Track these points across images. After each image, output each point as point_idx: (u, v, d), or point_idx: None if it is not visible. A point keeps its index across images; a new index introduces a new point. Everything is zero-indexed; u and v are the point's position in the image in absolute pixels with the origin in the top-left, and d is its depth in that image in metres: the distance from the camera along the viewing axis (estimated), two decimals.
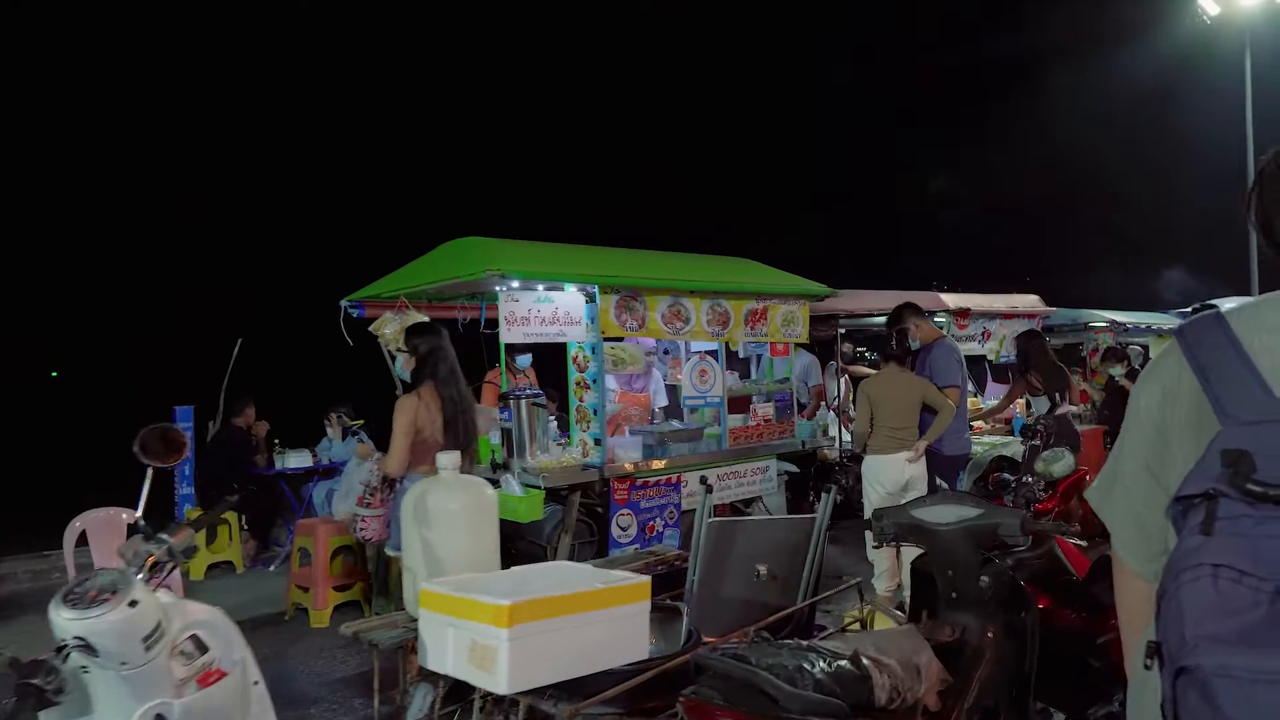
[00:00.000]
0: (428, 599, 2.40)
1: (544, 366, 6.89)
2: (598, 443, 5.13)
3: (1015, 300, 8.18)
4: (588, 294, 5.18)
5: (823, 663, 2.07)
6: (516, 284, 5.09)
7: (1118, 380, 7.85)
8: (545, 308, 5.06)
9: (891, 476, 5.22)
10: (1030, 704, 2.64)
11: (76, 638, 1.83)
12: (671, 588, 3.19)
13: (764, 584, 2.99)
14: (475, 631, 2.24)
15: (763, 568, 2.99)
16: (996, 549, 2.73)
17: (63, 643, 1.83)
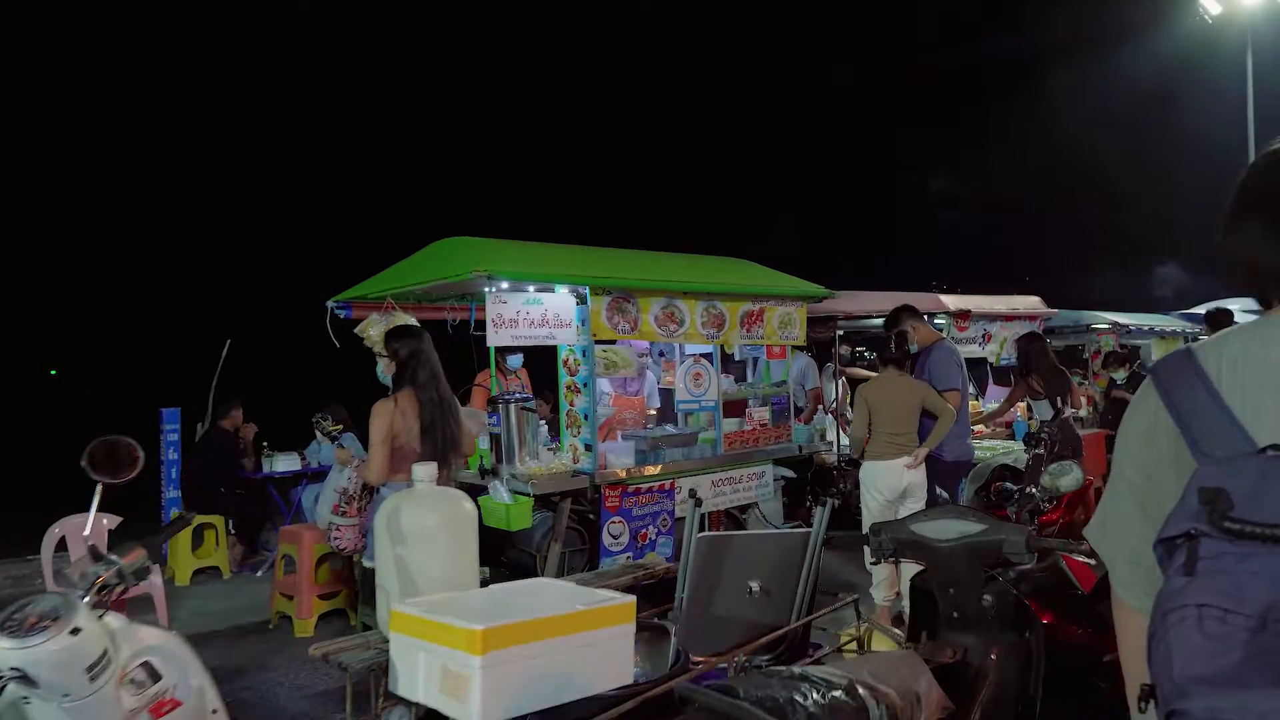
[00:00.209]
0: (398, 621, 2.27)
1: (537, 367, 6.75)
2: (588, 448, 5.00)
3: (1016, 302, 8.05)
4: (579, 295, 5.05)
5: (816, 694, 1.93)
6: (506, 285, 4.97)
7: (1119, 383, 7.75)
8: (534, 309, 4.92)
9: (890, 483, 5.10)
10: None
11: (13, 669, 1.70)
12: (662, 601, 3.06)
13: (756, 601, 2.85)
14: (447, 658, 2.11)
15: (755, 584, 2.84)
16: (1000, 566, 2.62)
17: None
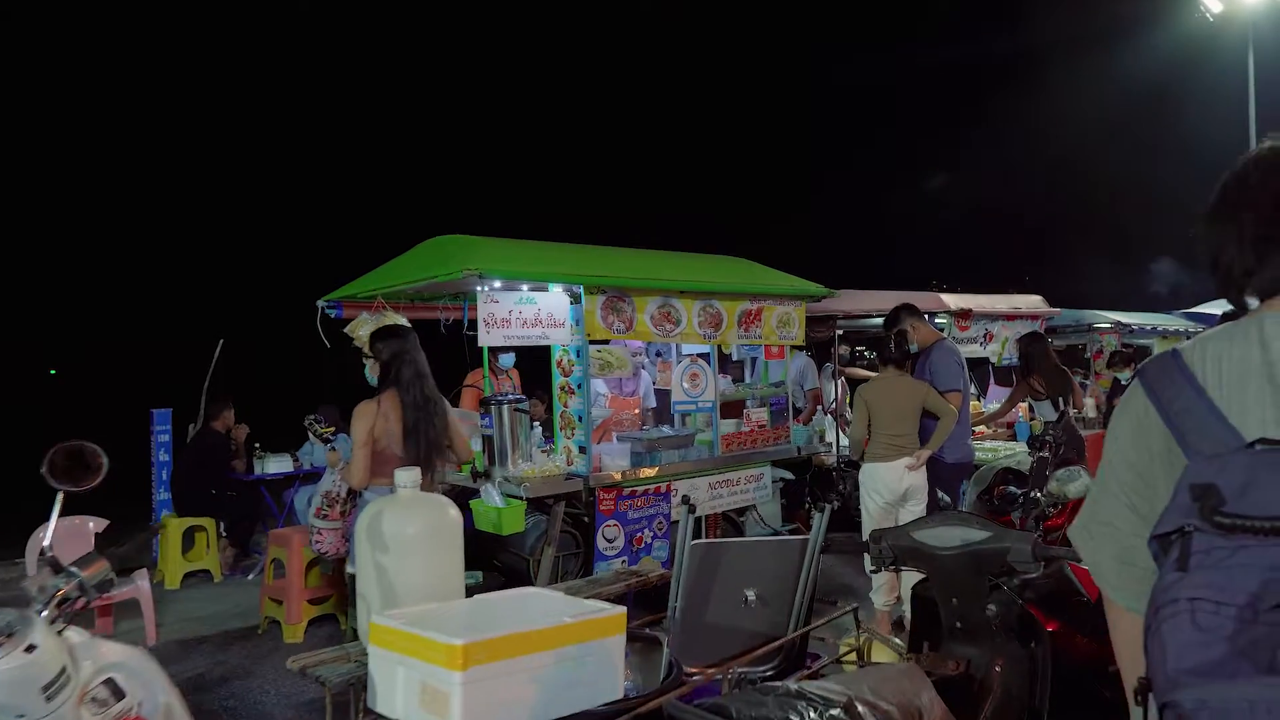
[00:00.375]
0: (377, 633, 2.17)
1: (531, 367, 6.65)
2: (582, 450, 4.90)
3: (1018, 301, 7.94)
4: (572, 294, 4.95)
5: (813, 713, 1.84)
6: (499, 284, 4.87)
7: (1124, 383, 7.64)
8: (527, 309, 4.82)
9: (890, 485, 5.00)
10: None
11: None
12: (658, 607, 2.97)
13: (752, 610, 2.76)
14: (426, 673, 2.01)
15: (751, 592, 2.75)
16: (1004, 574, 2.52)
17: None
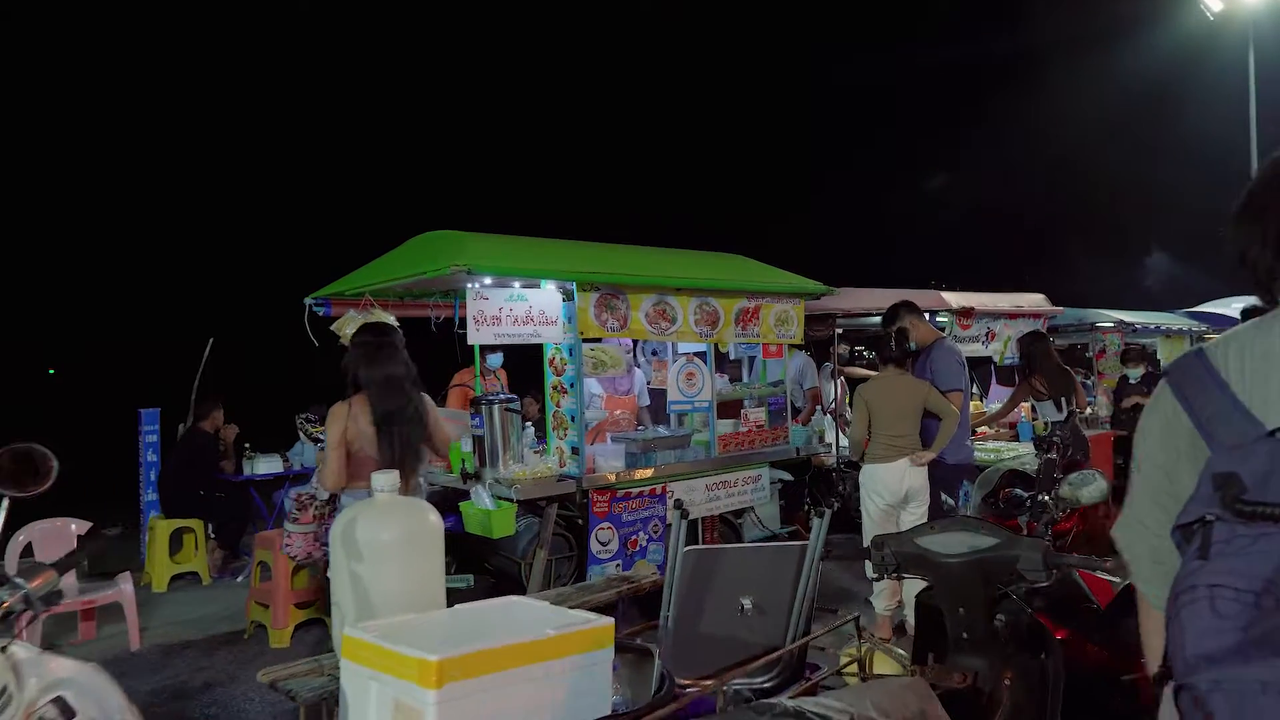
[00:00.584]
0: (350, 647, 2.04)
1: (520, 366, 6.52)
2: (575, 451, 4.77)
3: (1020, 299, 7.82)
4: (565, 291, 4.82)
5: None
6: (489, 280, 4.74)
7: (1132, 381, 7.46)
8: (518, 306, 4.69)
9: (891, 487, 4.88)
10: None
11: None
12: (652, 612, 2.84)
13: (749, 619, 2.63)
14: (400, 690, 1.88)
15: (747, 601, 2.62)
16: (1012, 582, 2.40)
17: None
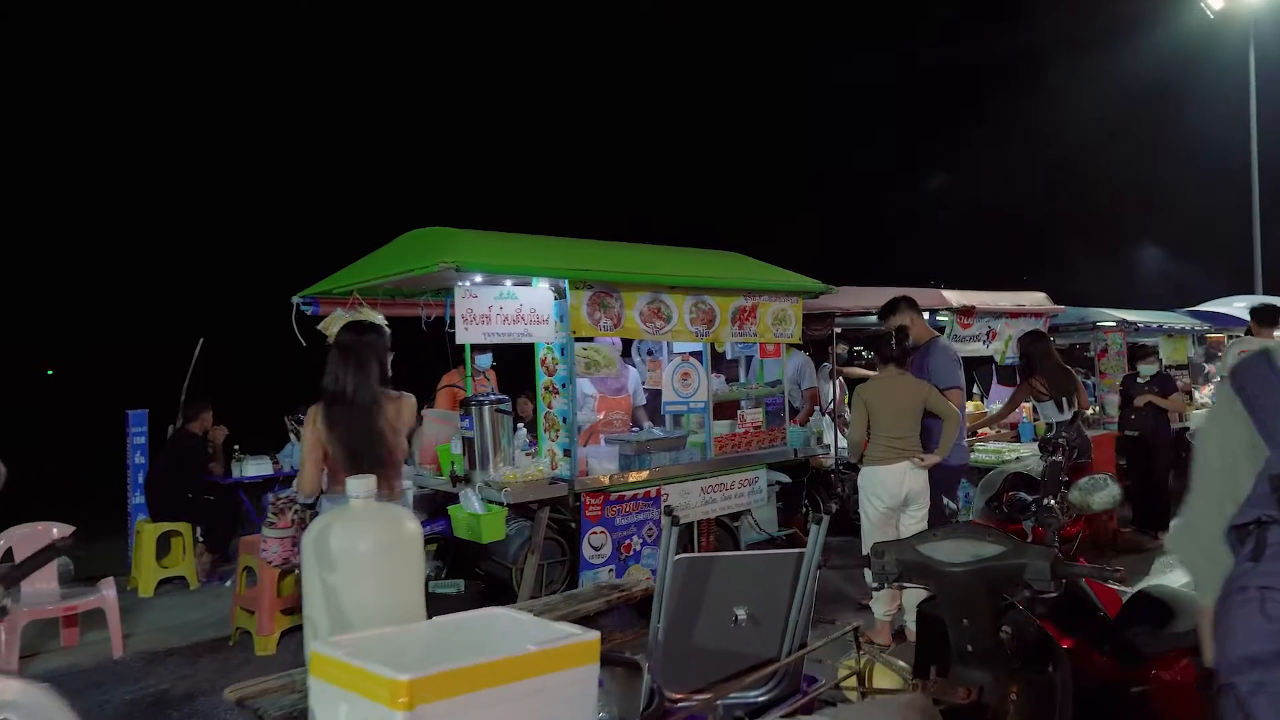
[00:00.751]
0: (318, 664, 1.92)
1: (519, 367, 6.40)
2: (567, 453, 4.66)
3: (1022, 298, 7.71)
4: (557, 289, 4.71)
5: None
6: (479, 278, 4.63)
7: (1141, 381, 7.22)
8: (508, 304, 4.58)
9: (891, 490, 4.77)
10: None
11: None
12: (648, 618, 2.73)
13: (743, 630, 2.52)
14: (369, 712, 1.77)
15: (741, 611, 2.51)
16: (1018, 591, 2.29)
17: None
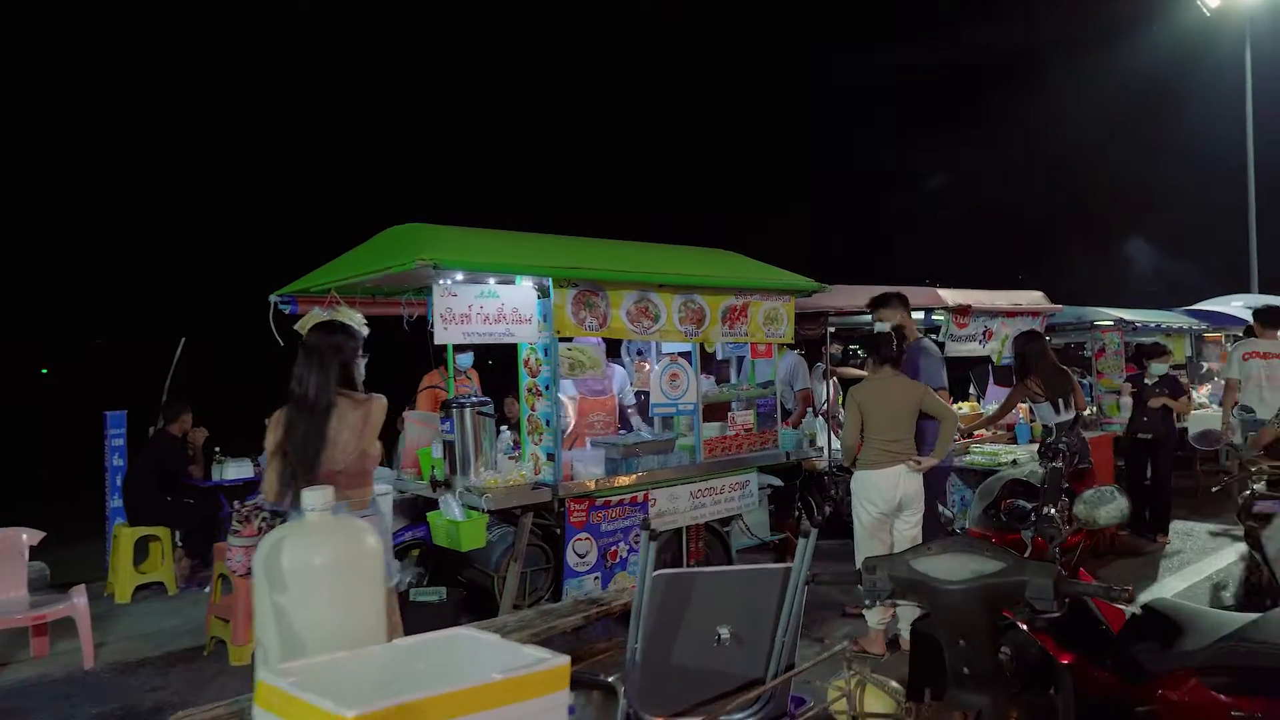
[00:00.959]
0: (263, 695, 1.77)
1: (504, 368, 6.25)
2: (551, 457, 4.51)
3: (1018, 297, 7.58)
4: (541, 288, 4.56)
5: None
6: (460, 276, 4.48)
7: (1149, 381, 7.06)
8: (490, 303, 4.42)
9: (884, 494, 4.64)
10: None
11: None
12: (626, 631, 2.59)
13: (727, 649, 2.38)
14: None
15: (725, 630, 2.38)
16: (1018, 609, 2.15)
17: None
